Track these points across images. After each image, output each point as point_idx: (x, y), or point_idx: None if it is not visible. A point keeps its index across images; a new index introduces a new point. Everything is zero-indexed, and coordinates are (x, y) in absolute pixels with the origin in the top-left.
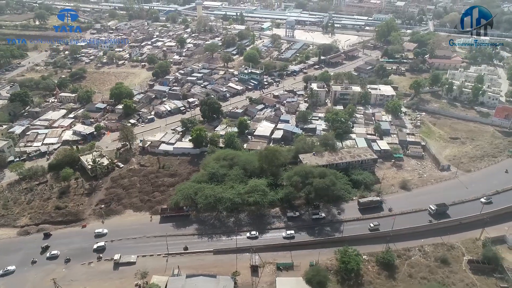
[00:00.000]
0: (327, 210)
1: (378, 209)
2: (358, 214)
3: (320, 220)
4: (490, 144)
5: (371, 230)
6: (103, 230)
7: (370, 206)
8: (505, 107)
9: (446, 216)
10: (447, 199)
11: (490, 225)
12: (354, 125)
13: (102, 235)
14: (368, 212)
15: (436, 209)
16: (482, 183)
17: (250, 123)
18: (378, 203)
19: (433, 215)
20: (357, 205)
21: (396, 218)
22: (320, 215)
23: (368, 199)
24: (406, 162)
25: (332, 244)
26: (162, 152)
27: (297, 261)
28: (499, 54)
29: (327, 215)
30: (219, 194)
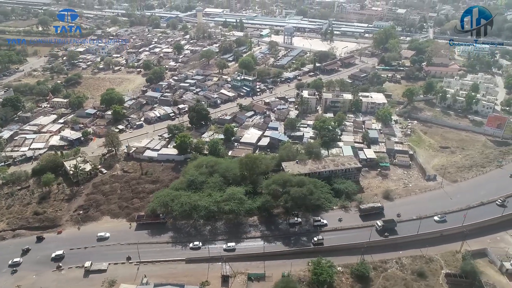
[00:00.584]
0: (306, 219)
1: (379, 215)
2: (337, 224)
3: (296, 225)
4: (481, 153)
5: (315, 244)
6: (105, 234)
7: (371, 212)
8: (497, 116)
9: (394, 232)
10: (429, 210)
11: (473, 238)
12: (343, 133)
13: (105, 238)
14: (369, 218)
15: (383, 225)
16: (468, 193)
17: (238, 130)
18: (379, 209)
19: (379, 232)
20: (358, 212)
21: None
22: (296, 220)
23: (369, 205)
24: (392, 171)
25: (309, 255)
26: (147, 158)
27: (270, 271)
28: (498, 62)
29: (305, 225)
30: (195, 202)
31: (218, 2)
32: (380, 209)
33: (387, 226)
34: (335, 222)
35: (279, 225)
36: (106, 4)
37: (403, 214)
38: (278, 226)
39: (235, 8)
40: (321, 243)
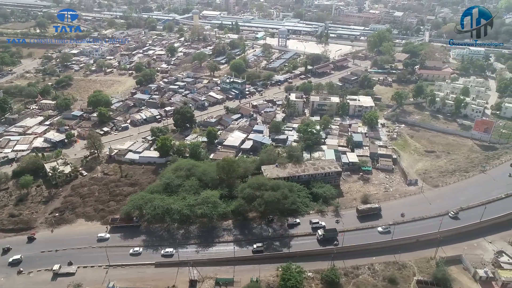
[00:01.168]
0: (281, 224)
1: (377, 216)
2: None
3: (295, 226)
4: (466, 158)
5: (254, 252)
6: (105, 235)
7: (369, 213)
8: (484, 120)
9: (334, 242)
10: (407, 216)
11: (450, 244)
12: (328, 136)
13: (105, 239)
14: (367, 219)
15: (324, 234)
16: (447, 199)
17: (222, 133)
18: (377, 210)
19: (320, 241)
20: (356, 213)
21: (348, 234)
22: (295, 221)
23: (367, 206)
24: (374, 176)
25: (281, 260)
26: (128, 161)
27: (239, 276)
28: (492, 66)
29: (279, 229)
30: (168, 205)
31: (216, 5)
32: (378, 209)
33: (328, 236)
34: (308, 228)
35: (253, 229)
36: (105, 6)
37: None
38: (252, 231)
39: (233, 11)
40: (261, 250)
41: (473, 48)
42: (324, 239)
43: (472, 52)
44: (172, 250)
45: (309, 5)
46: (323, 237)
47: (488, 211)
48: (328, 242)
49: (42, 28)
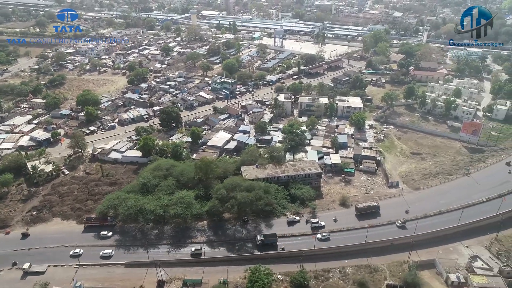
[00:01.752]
0: (255, 225)
1: (375, 215)
2: (286, 231)
3: (295, 223)
4: (452, 160)
5: (192, 254)
6: (108, 233)
7: (367, 211)
8: (472, 122)
9: (274, 247)
10: (383, 218)
11: (425, 247)
12: (314, 137)
13: (107, 237)
14: (365, 218)
15: (262, 239)
16: (427, 202)
17: (208, 133)
18: (375, 208)
19: (259, 246)
20: (354, 211)
21: None
22: (295, 218)
23: (365, 204)
24: (356, 177)
25: (252, 261)
26: (111, 160)
27: (208, 278)
28: (488, 67)
29: (253, 230)
30: (141, 205)
31: (217, 5)
32: (376, 208)
33: (267, 241)
34: (284, 229)
35: (227, 230)
36: (106, 6)
37: (355, 222)
38: (226, 232)
39: (233, 11)
40: (199, 253)
41: (470, 49)
42: (263, 244)
43: (469, 53)
44: (142, 250)
45: (309, 5)
46: (262, 242)
47: (466, 215)
48: (268, 247)
49: (42, 27)
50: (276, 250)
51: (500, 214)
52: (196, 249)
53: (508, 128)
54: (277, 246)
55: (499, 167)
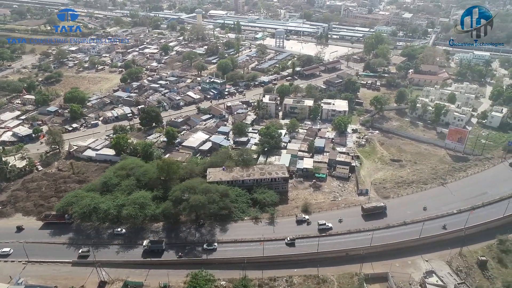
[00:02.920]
0: (210, 228)
1: (382, 215)
2: (243, 236)
3: (303, 222)
4: (432, 169)
5: (79, 256)
6: (121, 230)
7: (374, 212)
8: (458, 129)
9: (161, 254)
10: (341, 227)
11: (382, 260)
12: (293, 140)
13: (121, 234)
14: (372, 218)
15: (149, 245)
16: (393, 212)
17: (186, 133)
18: (382, 209)
19: (147, 252)
20: (361, 211)
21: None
22: (327, 225)
23: (372, 204)
24: (328, 183)
25: (200, 266)
26: (86, 158)
27: (151, 280)
28: (491, 72)
29: (207, 234)
30: (95, 204)
31: (226, 4)
32: (383, 208)
33: (154, 247)
34: (236, 235)
35: (181, 233)
36: (119, 5)
37: (309, 230)
38: (179, 234)
39: (242, 11)
40: (87, 255)
41: (477, 53)
42: (149, 251)
43: (475, 57)
44: (87, 249)
45: (320, 5)
46: (149, 248)
47: (431, 227)
48: (155, 254)
49: (53, 25)
50: (160, 258)
51: (463, 229)
52: (83, 251)
53: (501, 136)
54: (163, 253)
55: (479, 177)
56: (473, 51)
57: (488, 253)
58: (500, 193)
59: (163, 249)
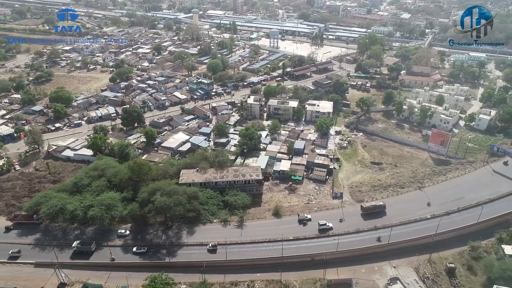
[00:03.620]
0: (178, 231)
1: (381, 214)
2: (205, 239)
3: (307, 221)
4: (412, 172)
5: None
6: (125, 231)
7: (373, 211)
8: (440, 132)
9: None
10: (306, 231)
11: (348, 265)
12: (274, 142)
13: (124, 235)
14: (371, 217)
15: (79, 247)
16: (366, 215)
17: (167, 134)
18: (382, 208)
19: (77, 254)
20: (360, 210)
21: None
22: (327, 225)
23: (372, 203)
24: (304, 186)
25: (162, 269)
26: (64, 158)
27: (112, 283)
28: (485, 73)
29: (174, 236)
30: (62, 205)
31: (225, 5)
32: (382, 207)
33: (83, 249)
34: (203, 237)
35: (147, 235)
36: (119, 5)
37: (280, 233)
38: (145, 236)
39: (241, 11)
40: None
41: (473, 54)
42: (79, 252)
43: (471, 58)
44: (18, 250)
45: (320, 6)
46: (78, 250)
47: (402, 232)
48: (84, 256)
49: (51, 25)
50: (87, 260)
51: (431, 235)
52: (13, 252)
53: (487, 140)
54: (92, 254)
55: (458, 181)
56: (468, 52)
57: (458, 259)
58: (477, 198)
59: (92, 251)
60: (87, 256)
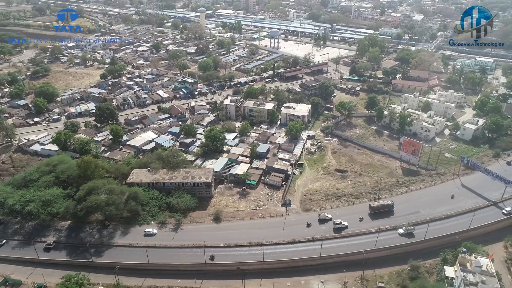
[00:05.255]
0: (113, 230)
1: (389, 213)
2: (136, 241)
3: (326, 221)
4: (376, 182)
5: None
6: (152, 230)
7: (382, 210)
8: (412, 140)
9: None
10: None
11: (275, 277)
12: (241, 144)
13: (152, 234)
14: (379, 216)
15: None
16: (302, 227)
17: (136, 132)
18: (390, 207)
19: None
20: (368, 209)
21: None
22: (327, 216)
23: (380, 203)
24: (257, 191)
25: (86, 269)
26: (32, 152)
27: (33, 280)
28: (486, 80)
29: (106, 236)
30: (1, 199)
31: (237, 4)
32: (391, 206)
33: None
34: (142, 239)
35: (82, 232)
36: (134, 3)
37: (212, 239)
38: (79, 234)
39: (253, 10)
40: None
41: (480, 59)
42: None
43: (477, 63)
44: None
45: (334, 6)
46: None
47: (337, 246)
48: None
49: (65, 22)
50: None
51: (362, 251)
52: None
53: (469, 150)
54: None
55: (419, 194)
56: (475, 57)
57: (395, 279)
58: (434, 213)
59: None
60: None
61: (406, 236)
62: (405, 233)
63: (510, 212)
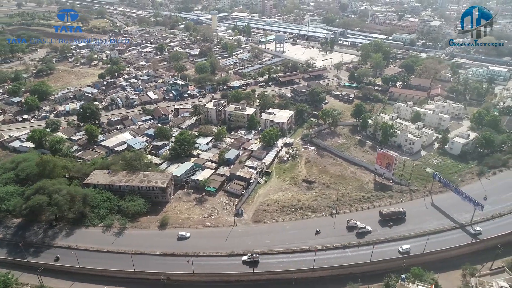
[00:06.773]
0: (58, 231)
1: (400, 221)
2: (76, 243)
3: (365, 234)
4: (341, 196)
5: None
6: (186, 233)
7: (392, 217)
8: (385, 153)
9: None
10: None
11: None
12: (213, 149)
13: (185, 238)
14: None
15: None
16: (248, 238)
17: (113, 133)
18: (401, 214)
19: None
20: (379, 216)
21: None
22: (366, 227)
23: (391, 209)
24: (216, 198)
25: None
26: (11, 148)
27: None
28: (492, 90)
29: (50, 236)
30: None
31: (254, 7)
32: (402, 214)
33: None
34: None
35: (29, 231)
36: (155, 5)
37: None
38: (25, 233)
39: (269, 14)
40: None
41: (493, 68)
42: None
43: (490, 72)
44: None
45: (353, 10)
46: None
47: (277, 262)
48: None
49: (84, 22)
50: None
51: (293, 271)
52: None
53: (455, 166)
54: None
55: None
56: (488, 65)
57: None
58: (389, 233)
59: None
60: None
61: (248, 265)
62: (248, 261)
63: (479, 232)
